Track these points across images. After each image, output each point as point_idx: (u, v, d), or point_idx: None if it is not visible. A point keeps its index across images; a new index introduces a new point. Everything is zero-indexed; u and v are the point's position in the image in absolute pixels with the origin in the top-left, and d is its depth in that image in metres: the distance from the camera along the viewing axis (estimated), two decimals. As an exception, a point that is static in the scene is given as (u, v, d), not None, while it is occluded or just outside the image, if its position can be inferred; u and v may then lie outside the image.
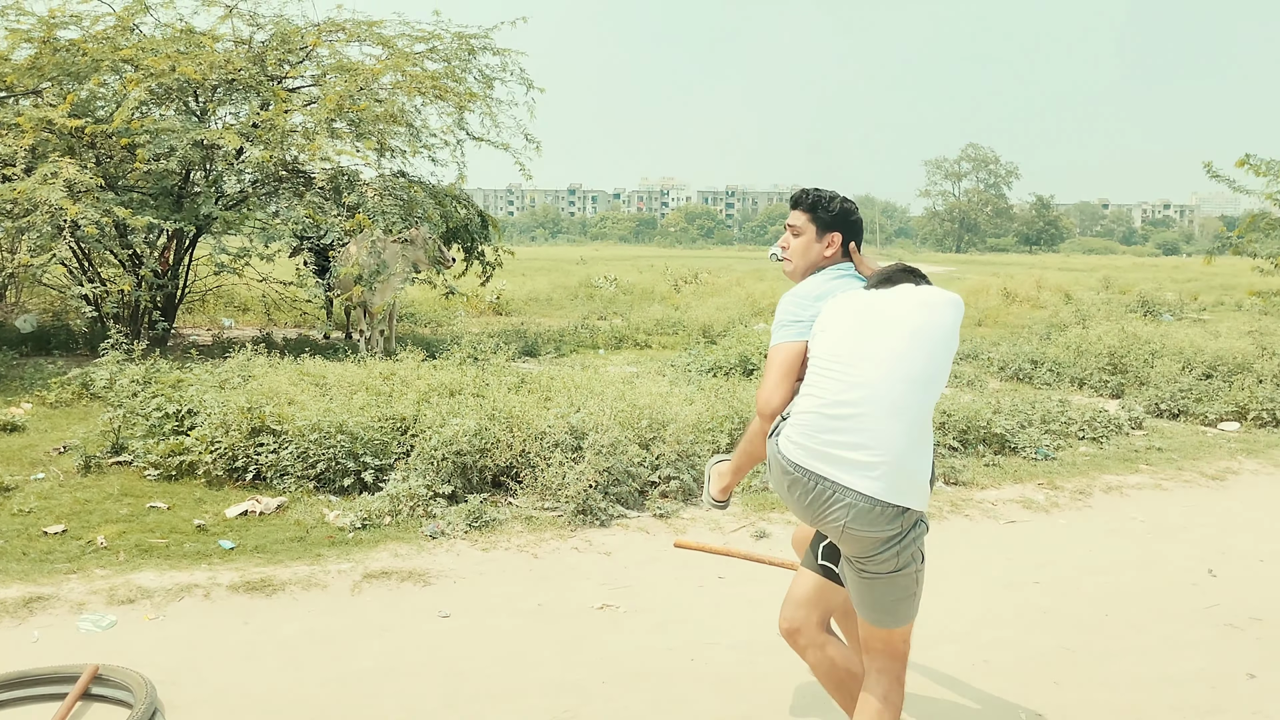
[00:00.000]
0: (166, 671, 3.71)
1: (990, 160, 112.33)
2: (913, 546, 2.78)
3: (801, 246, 3.18)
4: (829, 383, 2.75)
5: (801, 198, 3.24)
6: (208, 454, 6.05)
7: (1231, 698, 3.91)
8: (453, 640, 4.18)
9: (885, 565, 2.76)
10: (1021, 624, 4.60)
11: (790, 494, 2.78)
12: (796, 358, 2.92)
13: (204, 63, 10.60)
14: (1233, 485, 7.18)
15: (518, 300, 18.76)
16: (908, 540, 2.76)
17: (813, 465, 2.70)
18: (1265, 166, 14.18)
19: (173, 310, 11.92)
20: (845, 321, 2.83)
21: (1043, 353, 11.75)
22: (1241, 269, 20.43)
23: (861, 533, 2.69)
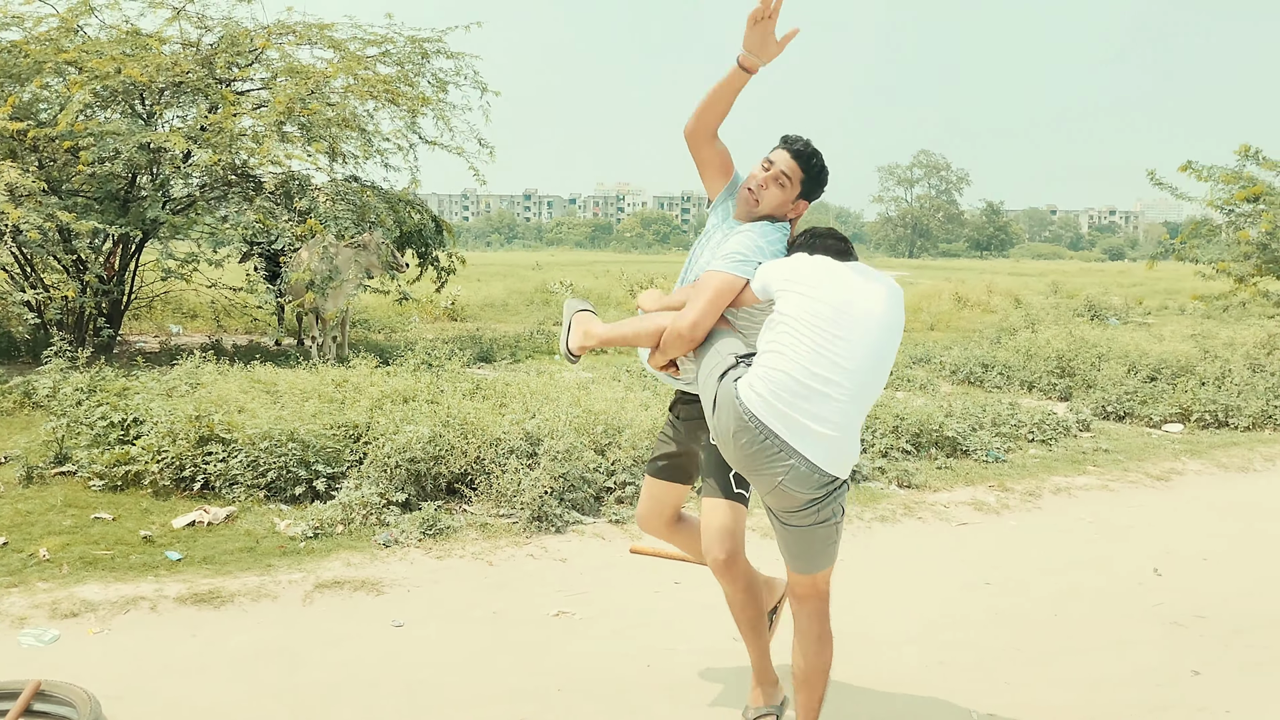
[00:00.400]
0: (112, 686, 3.62)
1: (942, 167, 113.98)
2: (834, 504, 2.98)
3: (780, 198, 3.22)
4: (807, 350, 2.86)
5: (805, 152, 3.23)
6: (154, 463, 5.93)
7: (1177, 694, 3.98)
8: (407, 650, 4.13)
9: (807, 519, 2.96)
10: (974, 625, 4.65)
11: (734, 439, 2.89)
12: (733, 294, 3.11)
13: (150, 65, 10.41)
14: (1177, 485, 7.33)
15: (473, 306, 18.64)
16: (830, 499, 2.95)
17: (771, 423, 2.83)
18: (1206, 172, 14.46)
19: (118, 317, 11.68)
20: (825, 291, 2.95)
21: (993, 356, 11.92)
22: (1184, 274, 20.90)
23: (792, 491, 2.88)
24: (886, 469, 6.96)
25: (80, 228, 9.62)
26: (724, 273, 3.10)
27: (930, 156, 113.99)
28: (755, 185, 3.21)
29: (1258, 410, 9.25)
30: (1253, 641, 4.53)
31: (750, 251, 3.13)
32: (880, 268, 14.89)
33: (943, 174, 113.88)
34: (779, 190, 3.19)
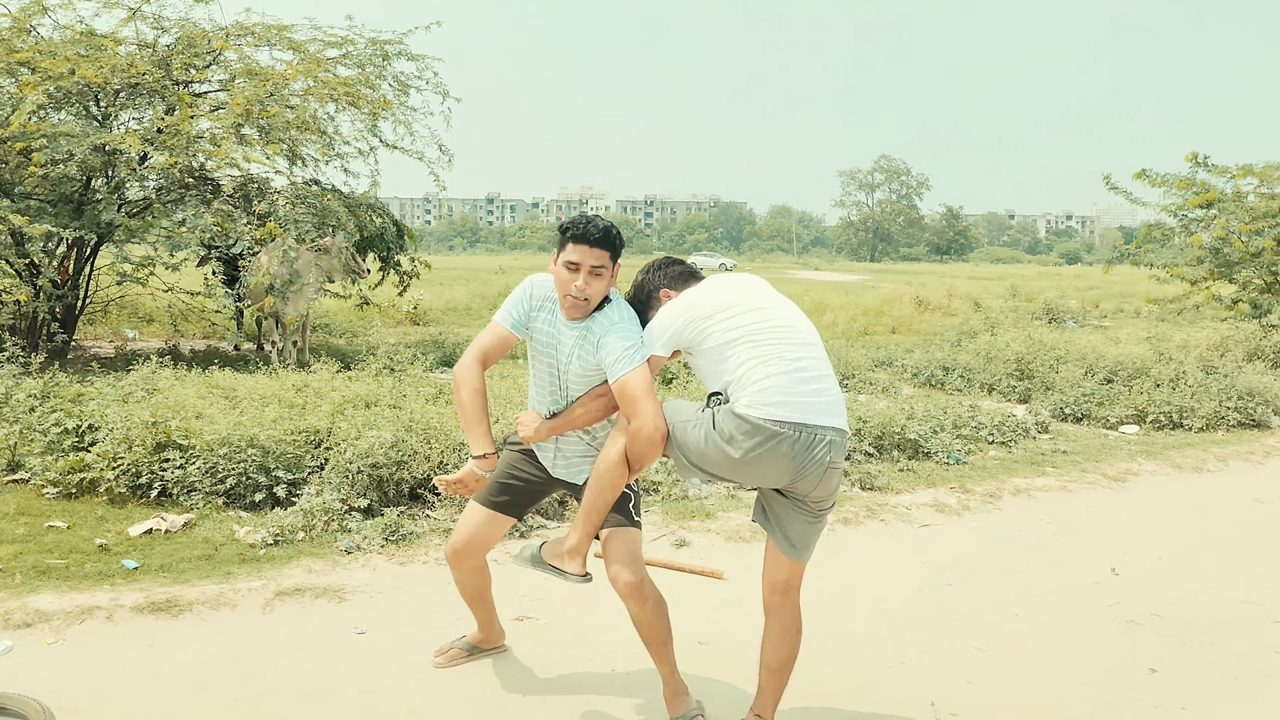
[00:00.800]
0: (67, 697, 3.56)
1: (902, 172, 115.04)
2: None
3: (603, 285, 3.28)
4: (777, 347, 3.14)
5: (605, 237, 3.22)
6: (110, 470, 5.84)
7: (1134, 692, 4.04)
8: (369, 657, 4.09)
9: (835, 495, 3.27)
10: (936, 626, 4.69)
11: (775, 451, 3.05)
12: (652, 376, 3.27)
13: (105, 66, 10.25)
14: (1133, 486, 7.44)
15: (435, 310, 18.53)
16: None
17: (797, 417, 3.06)
18: (1160, 179, 14.73)
19: (73, 322, 11.47)
20: (737, 303, 3.24)
21: (954, 359, 12.04)
22: (1139, 277, 21.21)
23: (837, 464, 3.15)
24: (849, 471, 7.00)
25: (33, 231, 9.44)
26: (637, 368, 3.20)
27: (891, 161, 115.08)
28: (577, 291, 3.23)
29: (1210, 411, 9.42)
30: (1207, 640, 4.61)
31: (632, 337, 3.26)
32: (842, 271, 15.08)
33: (903, 179, 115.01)
34: (600, 280, 3.25)
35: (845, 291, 27.08)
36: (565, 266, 3.22)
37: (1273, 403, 9.80)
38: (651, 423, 3.12)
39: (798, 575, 3.37)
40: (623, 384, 3.18)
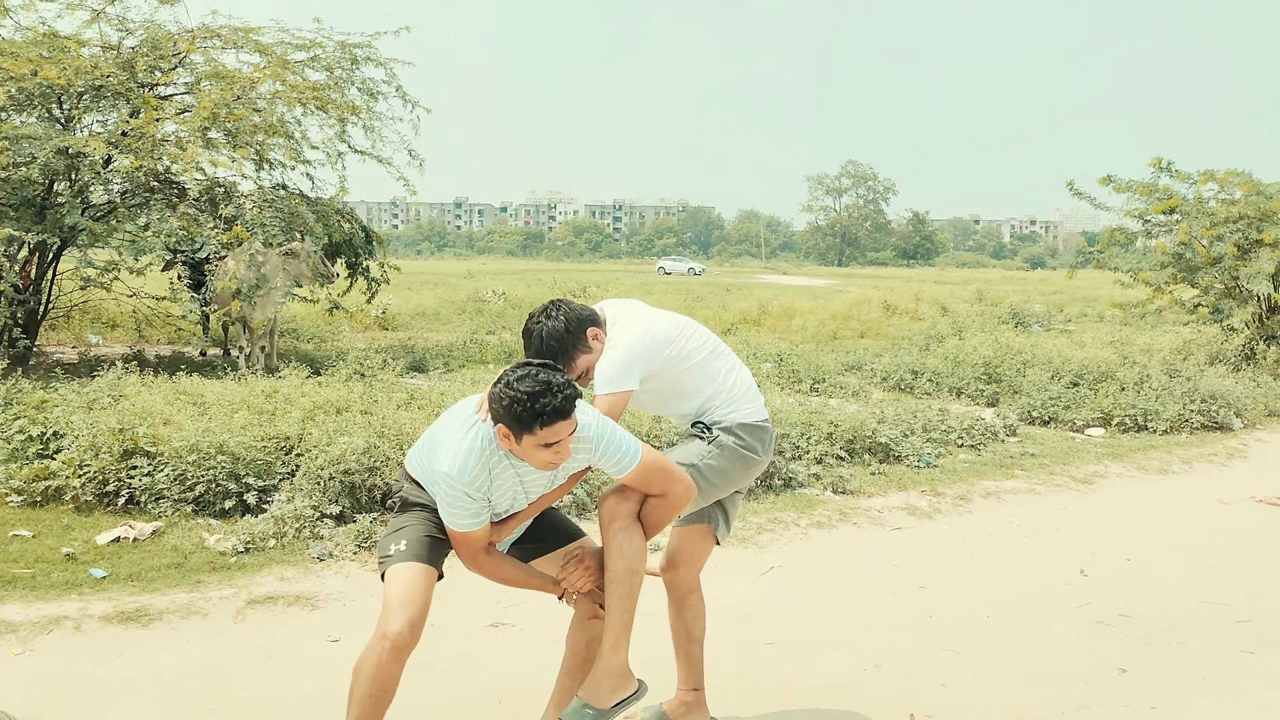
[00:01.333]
0: (35, 709, 3.50)
1: (869, 177, 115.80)
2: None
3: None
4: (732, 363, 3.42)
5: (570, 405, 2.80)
6: (76, 478, 5.75)
7: (1104, 692, 4.09)
8: (343, 665, 4.02)
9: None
10: (909, 628, 4.72)
11: (763, 443, 3.38)
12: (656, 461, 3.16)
13: (69, 67, 10.12)
14: (1100, 488, 7.54)
15: (404, 315, 18.43)
16: None
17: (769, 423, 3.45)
18: (1125, 185, 14.95)
19: (35, 327, 11.30)
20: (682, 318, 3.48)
21: (922, 363, 12.13)
22: (1102, 281, 21.52)
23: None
24: (821, 475, 7.04)
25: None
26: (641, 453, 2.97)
27: (858, 166, 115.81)
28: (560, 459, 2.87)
29: (1174, 414, 9.55)
30: (1175, 639, 4.67)
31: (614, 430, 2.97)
32: (810, 276, 15.20)
33: (870, 184, 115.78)
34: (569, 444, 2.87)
35: (813, 296, 27.22)
36: (541, 448, 2.81)
37: (1234, 405, 9.96)
38: (685, 484, 3.08)
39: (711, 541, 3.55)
40: (640, 472, 2.97)
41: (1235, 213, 13.50)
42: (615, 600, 3.02)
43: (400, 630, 2.82)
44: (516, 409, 2.75)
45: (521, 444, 2.81)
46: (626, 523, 3.04)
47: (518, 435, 2.80)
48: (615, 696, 3.03)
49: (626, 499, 3.06)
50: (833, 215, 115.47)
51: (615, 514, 3.05)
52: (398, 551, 2.98)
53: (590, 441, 2.93)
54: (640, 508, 3.08)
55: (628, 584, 3.02)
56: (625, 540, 3.02)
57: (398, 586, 2.90)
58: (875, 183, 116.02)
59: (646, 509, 3.08)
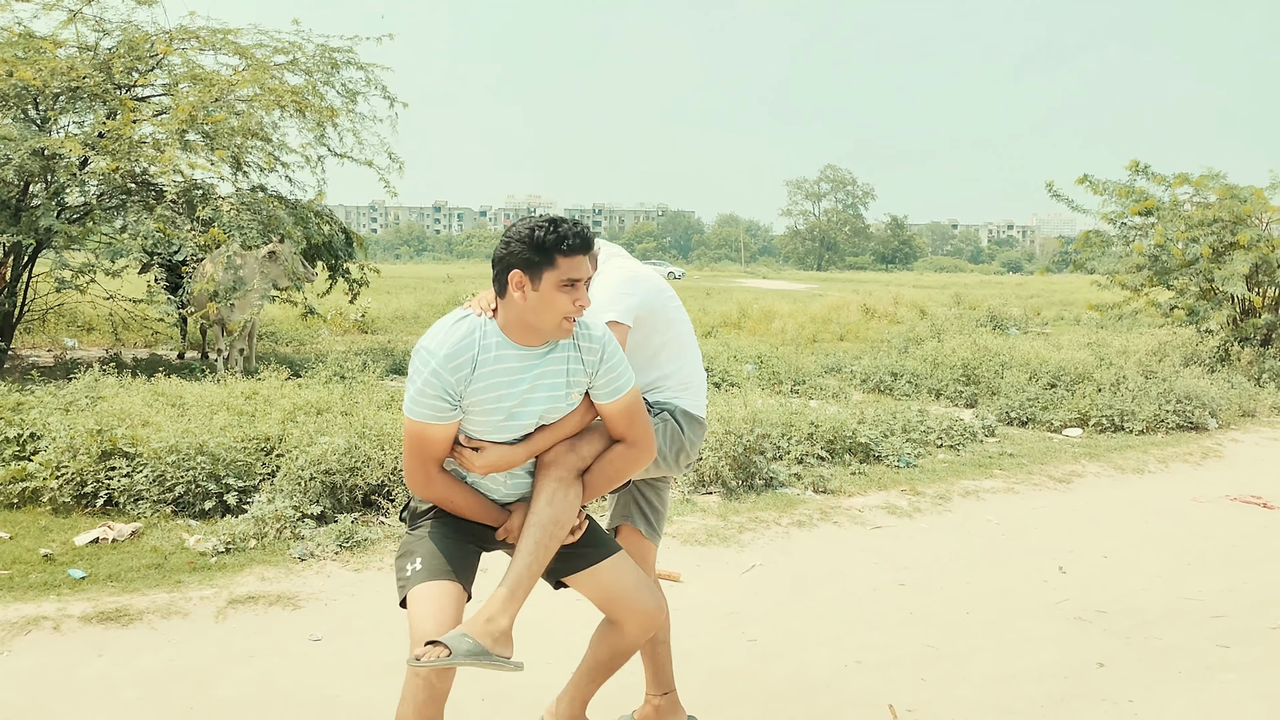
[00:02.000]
0: (13, 710, 3.48)
1: (848, 181, 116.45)
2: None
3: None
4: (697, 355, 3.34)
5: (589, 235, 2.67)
6: (53, 479, 5.71)
7: (1082, 686, 4.13)
8: (325, 664, 4.05)
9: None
10: (889, 625, 4.75)
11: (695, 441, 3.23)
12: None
13: (44, 68, 10.04)
14: (1078, 487, 7.61)
15: (383, 319, 18.38)
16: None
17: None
18: (1101, 186, 15.10)
19: (10, 330, 11.20)
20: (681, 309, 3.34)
21: (902, 365, 12.21)
22: (1079, 285, 21.73)
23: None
24: (802, 475, 7.07)
25: (-31, 237, 9.21)
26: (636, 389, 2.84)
27: (837, 171, 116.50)
28: (579, 309, 2.65)
29: (1150, 415, 9.65)
30: (1151, 634, 4.72)
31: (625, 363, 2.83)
32: (789, 280, 15.23)
33: (849, 188, 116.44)
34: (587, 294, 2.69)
35: (793, 299, 27.31)
36: (562, 288, 2.60)
37: (1209, 406, 10.07)
38: (652, 440, 2.87)
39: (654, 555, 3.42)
40: (628, 402, 2.79)
41: (1210, 215, 13.67)
42: (529, 545, 2.65)
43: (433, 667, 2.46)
44: (538, 235, 2.57)
45: (540, 286, 2.59)
46: (568, 474, 2.76)
47: (537, 273, 2.58)
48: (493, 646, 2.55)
49: (576, 451, 2.79)
50: (812, 220, 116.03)
51: (560, 462, 2.77)
52: (414, 572, 2.66)
53: (599, 342, 2.74)
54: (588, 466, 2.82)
55: (547, 533, 2.67)
56: (561, 490, 2.73)
57: (421, 613, 2.55)
58: (854, 187, 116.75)
59: (605, 459, 2.82)
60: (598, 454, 2.84)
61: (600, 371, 2.75)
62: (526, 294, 2.61)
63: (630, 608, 2.85)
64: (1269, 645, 4.63)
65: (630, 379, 2.79)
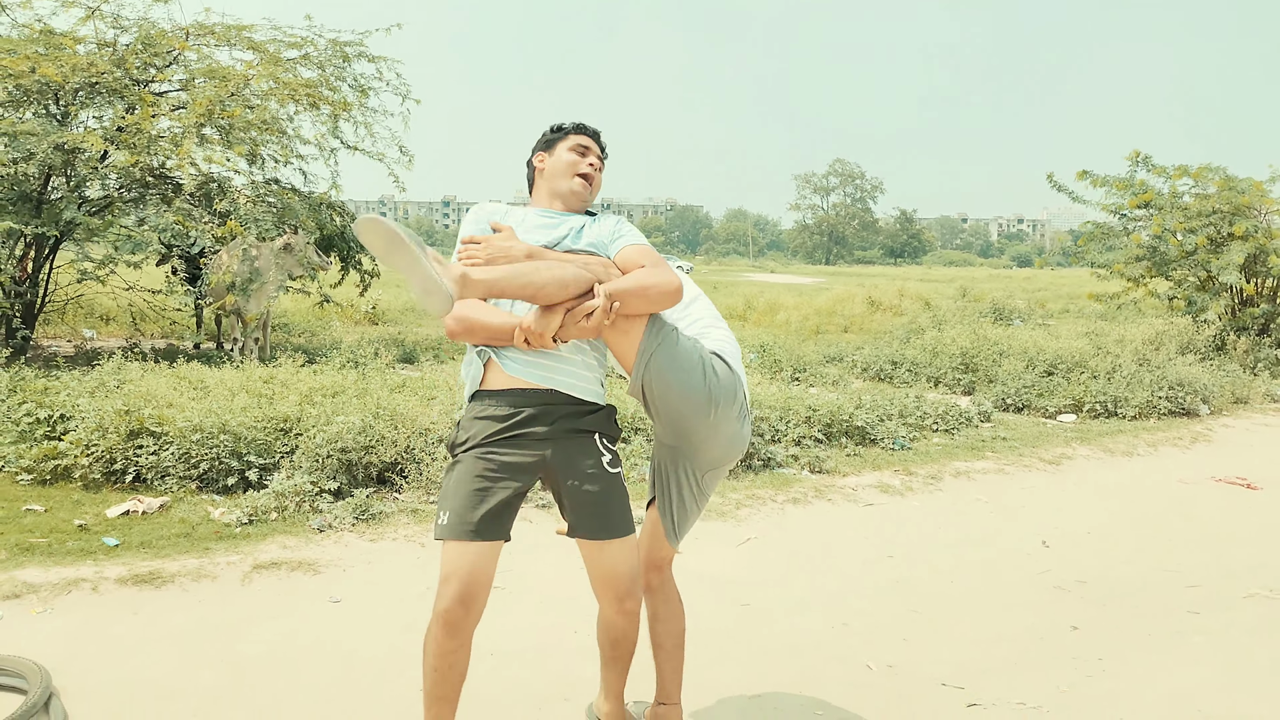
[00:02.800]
0: (58, 661, 3.76)
1: (856, 175, 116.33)
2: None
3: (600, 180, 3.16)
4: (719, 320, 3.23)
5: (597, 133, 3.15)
6: (84, 457, 6.00)
7: (1056, 647, 4.38)
8: (343, 624, 4.33)
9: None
10: (876, 593, 5.01)
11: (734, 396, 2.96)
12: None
13: (65, 65, 10.33)
14: (1067, 469, 7.85)
15: (393, 310, 18.67)
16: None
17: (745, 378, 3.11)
18: (1102, 179, 15.29)
19: (32, 320, 11.52)
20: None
21: (902, 354, 12.45)
22: (1087, 279, 21.87)
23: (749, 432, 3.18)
24: (799, 456, 7.33)
25: (-5, 228, 9.52)
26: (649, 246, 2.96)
27: (846, 165, 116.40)
28: (590, 169, 3.06)
29: (1143, 401, 9.88)
30: (1127, 603, 4.97)
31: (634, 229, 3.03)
32: (797, 274, 15.47)
33: (858, 182, 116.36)
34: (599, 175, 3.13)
35: (799, 293, 27.53)
36: (573, 150, 3.06)
37: (1201, 392, 10.29)
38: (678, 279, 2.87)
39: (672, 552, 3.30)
40: (640, 249, 2.89)
41: (1208, 207, 13.85)
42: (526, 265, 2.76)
43: (449, 607, 2.70)
44: (552, 126, 3.13)
45: (554, 152, 3.08)
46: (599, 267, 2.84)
47: (552, 146, 3.09)
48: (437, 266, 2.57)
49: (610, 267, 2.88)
50: (820, 214, 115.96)
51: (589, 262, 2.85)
52: (441, 526, 2.83)
53: (612, 220, 3.04)
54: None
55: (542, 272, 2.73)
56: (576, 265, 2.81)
57: (447, 561, 2.77)
58: (863, 181, 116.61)
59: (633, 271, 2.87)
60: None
61: (609, 228, 2.97)
62: (546, 163, 3.10)
63: (605, 587, 2.98)
64: (1238, 612, 4.88)
65: (643, 240, 2.96)
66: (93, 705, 3.48)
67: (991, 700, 3.80)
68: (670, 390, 2.89)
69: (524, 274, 2.69)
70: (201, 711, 3.47)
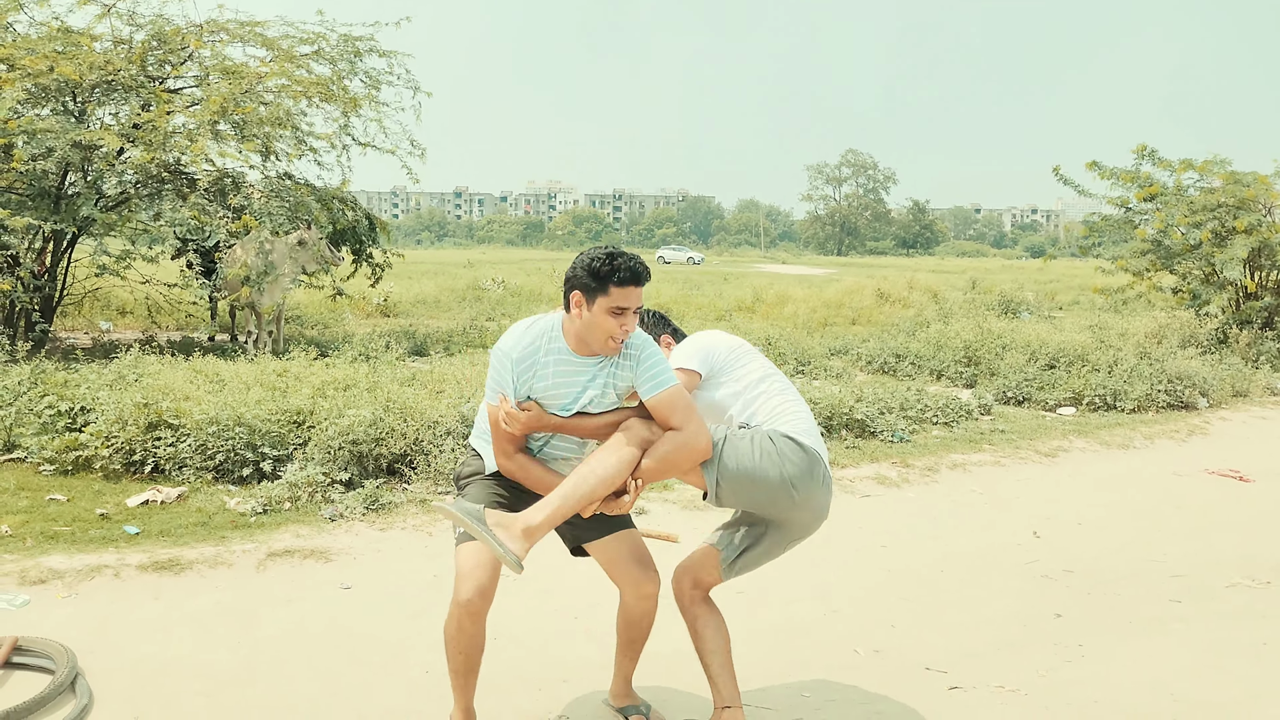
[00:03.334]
0: (82, 643, 3.96)
1: (869, 166, 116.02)
2: None
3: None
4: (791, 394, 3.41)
5: (644, 272, 3.07)
6: (105, 448, 6.22)
7: (1038, 632, 4.55)
8: (354, 608, 4.53)
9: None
10: (868, 582, 5.18)
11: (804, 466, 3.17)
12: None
13: (83, 63, 10.54)
14: (1062, 461, 8.00)
15: (405, 303, 18.90)
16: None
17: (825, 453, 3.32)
18: (1108, 172, 15.36)
19: (50, 313, 11.76)
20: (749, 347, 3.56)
21: (906, 347, 12.59)
22: (1097, 271, 21.94)
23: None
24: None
25: (15, 224, 9.74)
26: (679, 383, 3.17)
27: (858, 156, 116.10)
28: (625, 334, 3.10)
29: (1142, 394, 10.01)
30: (1111, 591, 5.13)
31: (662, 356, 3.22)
32: (808, 265, 15.57)
33: (870, 173, 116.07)
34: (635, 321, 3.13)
35: (809, 284, 27.63)
36: (611, 313, 3.03)
37: (1200, 386, 10.41)
38: (705, 434, 3.12)
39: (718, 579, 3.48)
40: (669, 395, 3.11)
41: (1213, 201, 13.93)
42: (572, 478, 3.03)
43: (469, 597, 3.02)
44: (595, 265, 3.01)
45: (593, 307, 3.03)
46: (634, 440, 3.08)
47: (592, 296, 3.02)
48: (499, 530, 2.91)
49: (649, 426, 3.13)
50: (832, 204, 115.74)
51: (631, 428, 3.12)
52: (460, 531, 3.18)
53: (637, 348, 3.15)
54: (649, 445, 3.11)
55: (593, 475, 3.01)
56: (620, 449, 3.07)
57: (465, 558, 3.08)
58: (875, 172, 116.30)
59: (659, 441, 3.10)
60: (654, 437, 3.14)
61: (640, 370, 3.15)
62: (582, 313, 3.07)
63: (622, 578, 3.32)
64: (1219, 601, 5.03)
65: (670, 377, 3.14)
66: (116, 684, 3.68)
67: (972, 684, 3.97)
68: (749, 494, 3.21)
69: (577, 497, 3.00)
70: (218, 691, 3.67)
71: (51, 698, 3.46)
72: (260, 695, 3.66)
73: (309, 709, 3.58)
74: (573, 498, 3.00)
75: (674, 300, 20.27)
